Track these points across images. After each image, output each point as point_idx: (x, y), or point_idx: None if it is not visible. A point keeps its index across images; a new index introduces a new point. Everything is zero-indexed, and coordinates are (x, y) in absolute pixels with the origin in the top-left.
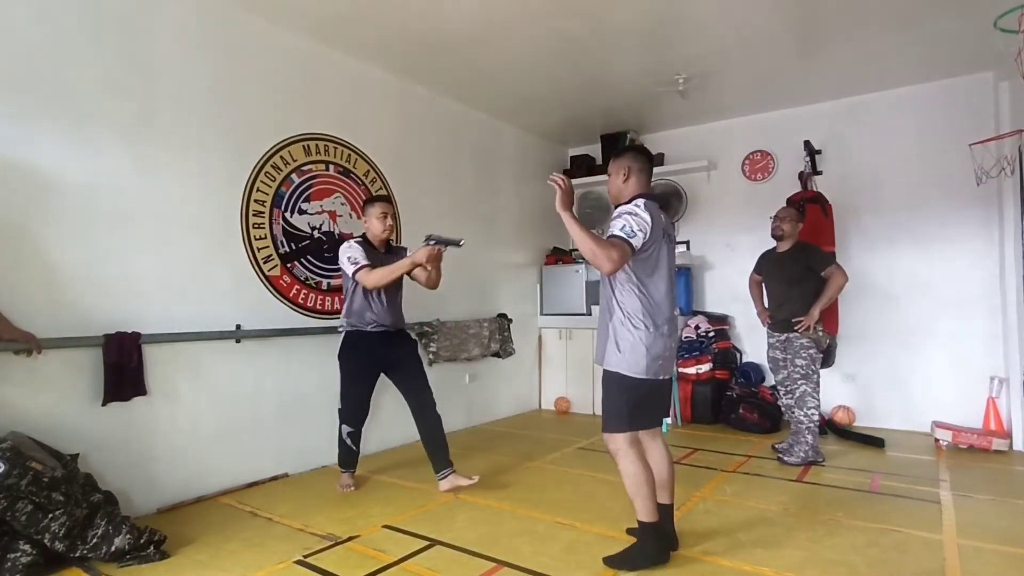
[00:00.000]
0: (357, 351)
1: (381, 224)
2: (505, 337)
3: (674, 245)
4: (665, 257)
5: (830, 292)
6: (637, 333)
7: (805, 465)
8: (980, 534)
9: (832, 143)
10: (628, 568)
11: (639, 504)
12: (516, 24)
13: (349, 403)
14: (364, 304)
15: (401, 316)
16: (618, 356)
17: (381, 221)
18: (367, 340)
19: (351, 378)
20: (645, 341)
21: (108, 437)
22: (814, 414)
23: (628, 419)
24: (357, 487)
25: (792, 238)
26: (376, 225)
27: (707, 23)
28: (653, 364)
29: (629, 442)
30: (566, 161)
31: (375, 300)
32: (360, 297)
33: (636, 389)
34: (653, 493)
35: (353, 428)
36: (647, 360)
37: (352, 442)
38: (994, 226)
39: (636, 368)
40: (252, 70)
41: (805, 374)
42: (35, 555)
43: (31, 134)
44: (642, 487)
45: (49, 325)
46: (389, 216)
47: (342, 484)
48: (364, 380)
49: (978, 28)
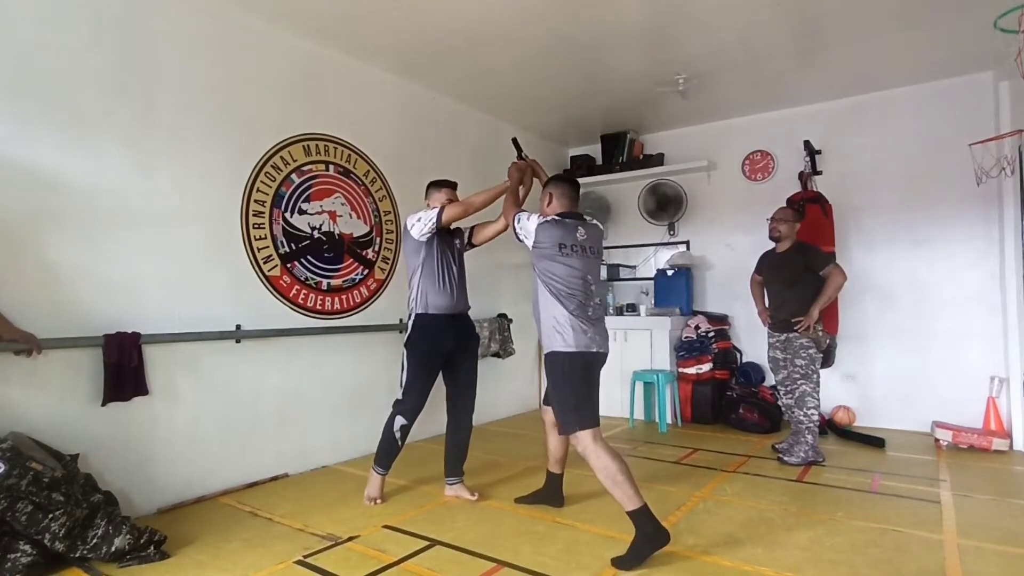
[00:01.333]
0: (426, 334)
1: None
2: (505, 337)
3: (593, 256)
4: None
5: (829, 291)
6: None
7: (805, 465)
8: (980, 534)
9: (832, 143)
10: (638, 562)
11: (620, 495)
12: (516, 24)
13: (414, 392)
14: (433, 286)
15: (467, 300)
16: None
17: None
18: (437, 324)
19: (421, 363)
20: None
21: (108, 437)
22: (814, 414)
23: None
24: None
25: (790, 238)
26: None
27: (707, 23)
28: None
29: (592, 437)
30: (566, 161)
31: (445, 282)
32: (429, 280)
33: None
34: (630, 479)
35: (408, 422)
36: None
37: (401, 437)
38: (994, 226)
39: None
40: (252, 70)
41: (805, 374)
42: (35, 555)
43: (31, 134)
44: (617, 476)
45: (49, 325)
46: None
47: (370, 495)
48: (433, 367)
49: (978, 28)
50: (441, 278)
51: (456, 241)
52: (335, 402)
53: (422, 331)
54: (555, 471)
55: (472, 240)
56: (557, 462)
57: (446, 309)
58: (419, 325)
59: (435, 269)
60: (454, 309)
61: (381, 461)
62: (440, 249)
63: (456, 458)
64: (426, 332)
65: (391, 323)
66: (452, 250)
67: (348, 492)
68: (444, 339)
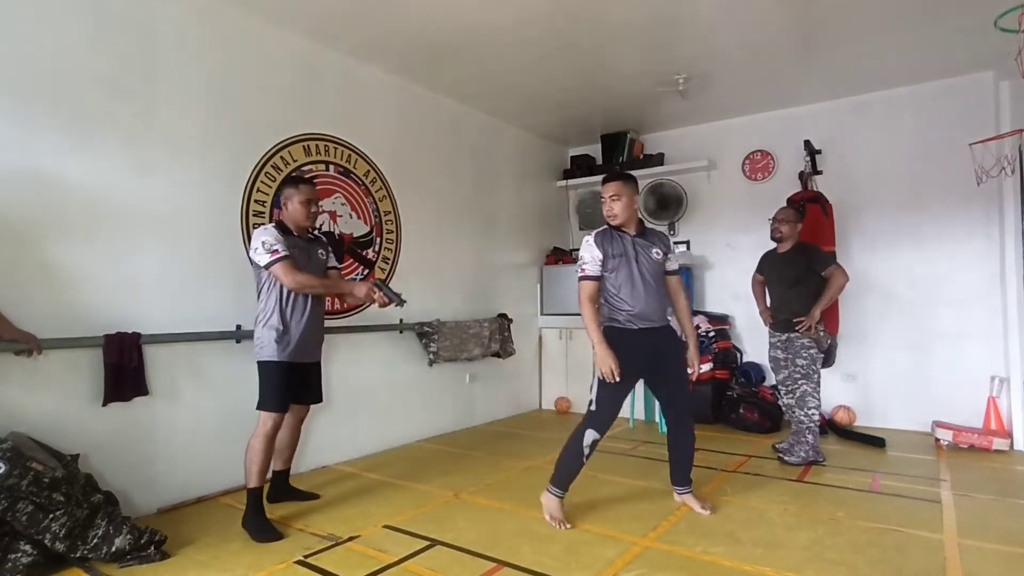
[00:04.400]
0: (614, 348)
1: (305, 210)
2: (505, 337)
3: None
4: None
5: (831, 292)
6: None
7: (806, 465)
8: (981, 534)
9: (832, 143)
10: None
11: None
12: (516, 24)
13: (607, 404)
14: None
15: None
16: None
17: (305, 207)
18: (627, 336)
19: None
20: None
21: (108, 437)
22: (815, 414)
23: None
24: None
25: (792, 239)
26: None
27: (707, 23)
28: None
29: None
30: (566, 161)
31: (638, 290)
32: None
33: None
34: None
35: (600, 436)
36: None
37: (589, 454)
38: (994, 226)
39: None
40: (252, 70)
41: (806, 374)
42: (36, 555)
43: (31, 134)
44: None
45: (49, 325)
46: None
47: (554, 515)
48: (625, 379)
49: (978, 28)
50: (633, 291)
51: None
52: (335, 402)
53: (608, 342)
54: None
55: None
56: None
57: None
58: (609, 336)
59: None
60: (648, 321)
61: (561, 482)
62: (635, 258)
63: (679, 466)
64: (617, 344)
65: (391, 323)
66: (643, 258)
67: (348, 492)
68: (637, 354)
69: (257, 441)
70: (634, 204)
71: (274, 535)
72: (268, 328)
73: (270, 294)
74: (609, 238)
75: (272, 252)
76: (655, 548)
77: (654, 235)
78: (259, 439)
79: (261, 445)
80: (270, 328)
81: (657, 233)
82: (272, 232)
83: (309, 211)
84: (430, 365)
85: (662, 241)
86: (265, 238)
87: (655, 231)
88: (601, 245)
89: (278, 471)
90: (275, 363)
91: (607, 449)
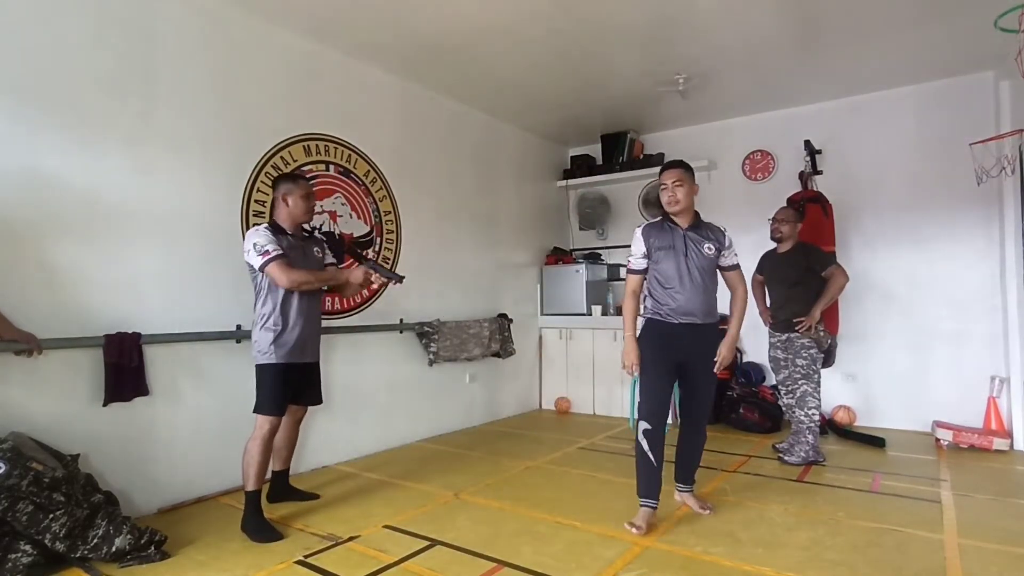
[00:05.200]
0: (650, 338)
1: (307, 204)
2: (505, 337)
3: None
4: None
5: (831, 292)
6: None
7: (806, 465)
8: (981, 534)
9: (832, 143)
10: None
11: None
12: (516, 24)
13: (649, 394)
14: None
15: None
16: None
17: (307, 201)
18: (665, 329)
19: (648, 362)
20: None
21: (109, 437)
22: (815, 414)
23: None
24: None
25: (792, 239)
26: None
27: (707, 23)
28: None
29: None
30: (566, 161)
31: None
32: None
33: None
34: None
35: (651, 426)
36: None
37: (650, 448)
38: (994, 225)
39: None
40: (252, 70)
41: (806, 374)
42: (36, 555)
43: (32, 134)
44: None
45: (49, 325)
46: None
47: (633, 522)
48: (663, 369)
49: (978, 28)
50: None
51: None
52: (335, 402)
53: (646, 333)
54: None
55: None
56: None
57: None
58: (649, 327)
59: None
60: (690, 316)
61: (643, 490)
62: (684, 252)
63: (684, 464)
64: (650, 336)
65: (391, 323)
66: (693, 252)
67: (348, 492)
68: (671, 346)
69: (254, 444)
70: (694, 192)
71: (274, 535)
72: (266, 330)
73: (267, 296)
74: (657, 230)
75: (263, 253)
76: (655, 548)
77: (709, 229)
78: (256, 442)
79: (258, 448)
80: (268, 330)
81: (712, 227)
82: (263, 233)
83: (309, 205)
84: (430, 365)
85: (716, 236)
86: (256, 240)
87: (711, 225)
88: (647, 239)
89: (277, 471)
90: (273, 366)
91: (607, 449)
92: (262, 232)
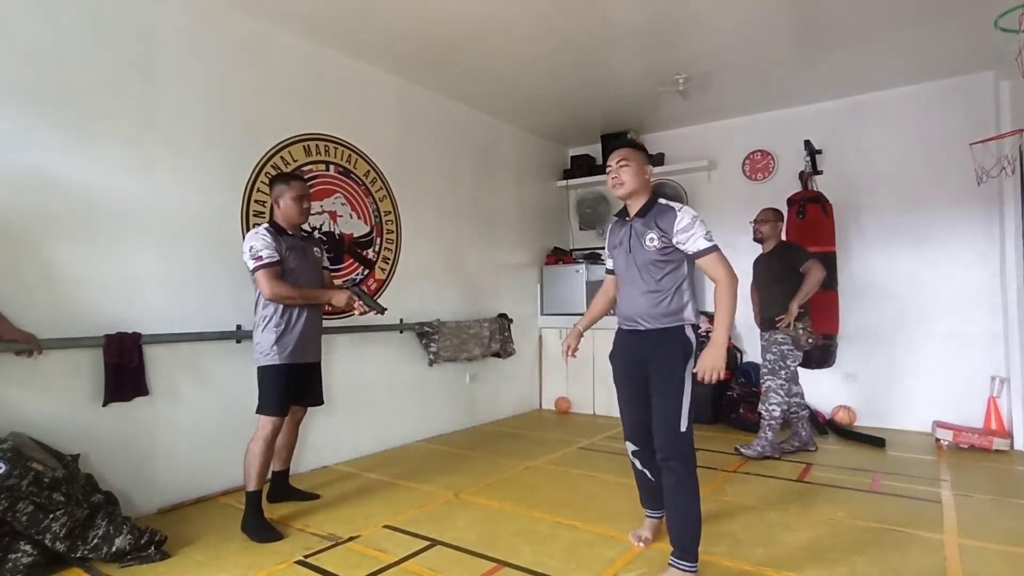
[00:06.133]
0: (613, 350)
1: (298, 206)
2: (506, 337)
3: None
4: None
5: (807, 287)
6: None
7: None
8: (981, 534)
9: (832, 143)
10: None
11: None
12: (516, 24)
13: (621, 408)
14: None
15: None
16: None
17: (297, 203)
18: (619, 338)
19: (615, 377)
20: None
21: (109, 437)
22: (775, 410)
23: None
24: (359, 488)
25: (774, 238)
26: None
27: (707, 23)
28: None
29: None
30: (566, 161)
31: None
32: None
33: None
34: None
35: (637, 447)
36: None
37: (644, 466)
38: (995, 226)
39: None
40: (252, 70)
41: (772, 369)
42: (36, 555)
43: (32, 134)
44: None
45: (49, 325)
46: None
47: (636, 531)
48: (628, 383)
49: (978, 28)
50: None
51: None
52: (335, 402)
53: (614, 343)
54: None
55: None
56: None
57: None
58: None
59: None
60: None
61: (644, 501)
62: (628, 248)
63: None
64: (614, 346)
65: (391, 323)
66: (635, 246)
67: (348, 492)
68: (627, 355)
69: (256, 445)
70: (645, 174)
71: (274, 535)
72: (268, 332)
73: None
74: (617, 227)
75: (256, 258)
76: (655, 548)
77: (655, 214)
78: (258, 443)
79: (260, 449)
80: (269, 331)
81: (661, 211)
82: (261, 237)
83: (301, 207)
84: (430, 365)
85: (662, 221)
86: (253, 243)
87: (662, 207)
88: (610, 235)
89: (277, 471)
90: (276, 367)
91: (607, 449)
92: (260, 235)
